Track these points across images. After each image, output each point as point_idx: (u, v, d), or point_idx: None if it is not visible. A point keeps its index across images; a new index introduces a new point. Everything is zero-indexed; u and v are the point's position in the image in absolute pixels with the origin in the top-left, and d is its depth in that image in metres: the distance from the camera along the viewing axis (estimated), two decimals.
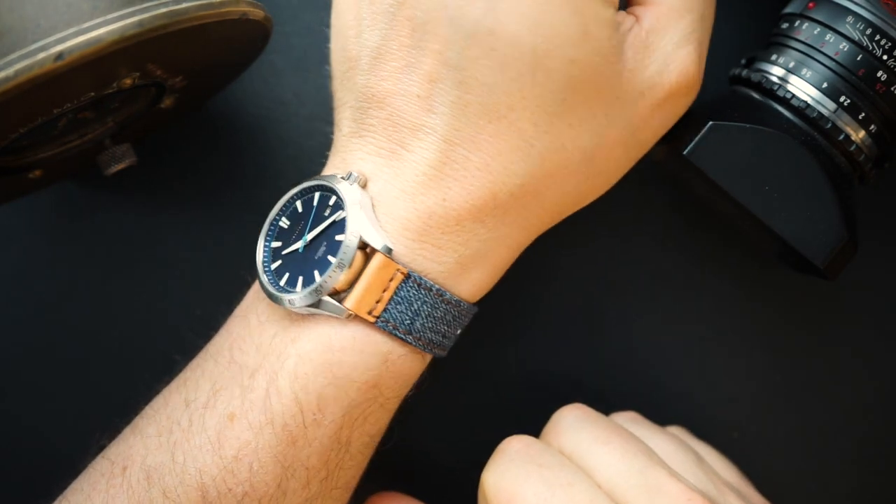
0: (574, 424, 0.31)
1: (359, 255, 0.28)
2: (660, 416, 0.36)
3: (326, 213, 0.29)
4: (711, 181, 0.31)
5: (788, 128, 0.31)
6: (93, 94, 0.29)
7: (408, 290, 0.28)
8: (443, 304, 0.29)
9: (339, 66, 0.31)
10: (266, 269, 0.30)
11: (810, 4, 0.32)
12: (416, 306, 0.29)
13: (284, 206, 0.31)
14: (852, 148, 0.32)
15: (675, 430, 0.36)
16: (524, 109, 0.28)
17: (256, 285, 0.31)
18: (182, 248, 0.39)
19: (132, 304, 0.39)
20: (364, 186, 0.29)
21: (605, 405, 0.34)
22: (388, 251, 0.28)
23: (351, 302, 0.28)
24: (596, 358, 0.38)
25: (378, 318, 0.28)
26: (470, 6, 0.28)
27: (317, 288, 0.28)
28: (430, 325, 0.29)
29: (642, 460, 0.29)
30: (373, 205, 0.29)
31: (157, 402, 0.30)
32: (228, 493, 0.28)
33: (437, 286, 0.29)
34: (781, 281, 0.38)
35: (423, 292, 0.29)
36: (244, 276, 0.32)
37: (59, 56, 0.25)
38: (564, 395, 0.34)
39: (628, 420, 0.34)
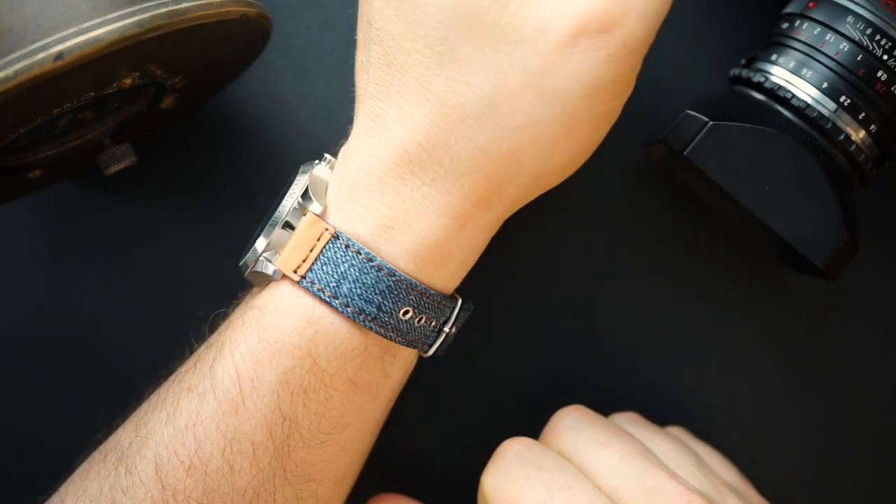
0: (573, 426, 0.31)
1: (303, 220, 0.29)
2: (660, 416, 0.36)
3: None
4: (711, 181, 0.31)
5: (788, 128, 0.31)
6: (93, 94, 0.29)
7: (335, 251, 0.29)
8: (373, 270, 0.29)
9: None
10: (246, 251, 0.31)
11: (810, 4, 0.32)
12: (342, 268, 0.29)
13: (280, 195, 0.31)
14: (852, 148, 0.32)
15: (675, 431, 0.36)
16: (416, 53, 0.28)
17: None
18: (182, 247, 0.39)
19: (132, 303, 0.39)
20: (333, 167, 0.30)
21: (605, 405, 0.35)
22: (320, 211, 0.29)
23: (279, 260, 0.29)
24: (596, 358, 0.38)
25: (303, 277, 0.29)
26: None
27: (254, 248, 0.29)
28: (359, 291, 0.29)
29: (641, 462, 0.29)
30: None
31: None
32: (179, 466, 0.28)
33: (365, 249, 0.29)
34: (781, 281, 0.38)
35: (350, 254, 0.29)
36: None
37: (59, 56, 0.25)
38: (564, 397, 0.34)
39: (628, 421, 0.34)
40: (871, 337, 0.38)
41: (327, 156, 0.30)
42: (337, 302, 0.29)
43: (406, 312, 0.29)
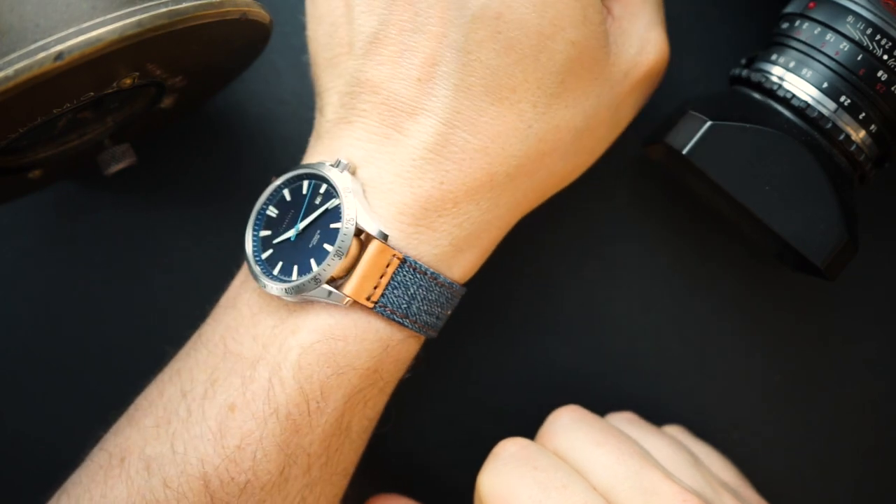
0: (569, 426, 0.31)
1: (354, 242, 0.28)
2: (659, 415, 0.36)
3: (318, 202, 0.30)
4: (711, 181, 0.31)
5: (788, 128, 0.31)
6: (92, 94, 0.29)
7: (404, 275, 0.29)
8: (437, 287, 0.30)
9: (325, 53, 0.31)
10: (257, 258, 0.30)
11: (810, 4, 0.32)
12: (412, 290, 0.29)
13: (272, 194, 0.31)
14: (852, 148, 0.32)
15: (675, 430, 0.36)
16: (525, 91, 0.29)
17: (241, 274, 0.31)
18: (181, 247, 0.39)
19: (131, 303, 0.39)
20: (353, 173, 0.29)
21: (605, 405, 0.34)
22: (384, 237, 0.29)
23: (349, 289, 0.28)
24: (595, 358, 0.38)
25: (376, 303, 0.29)
26: None
27: (315, 277, 0.28)
28: (425, 307, 0.30)
29: (637, 461, 0.29)
30: (364, 191, 0.29)
31: (152, 393, 0.30)
32: (231, 482, 0.28)
33: (431, 270, 0.29)
34: (781, 281, 0.38)
35: (418, 276, 0.29)
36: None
37: (59, 56, 0.25)
38: (561, 396, 0.34)
39: (625, 421, 0.34)
40: (871, 337, 0.38)
41: (343, 160, 0.29)
42: (408, 321, 0.29)
43: (450, 313, 0.31)
